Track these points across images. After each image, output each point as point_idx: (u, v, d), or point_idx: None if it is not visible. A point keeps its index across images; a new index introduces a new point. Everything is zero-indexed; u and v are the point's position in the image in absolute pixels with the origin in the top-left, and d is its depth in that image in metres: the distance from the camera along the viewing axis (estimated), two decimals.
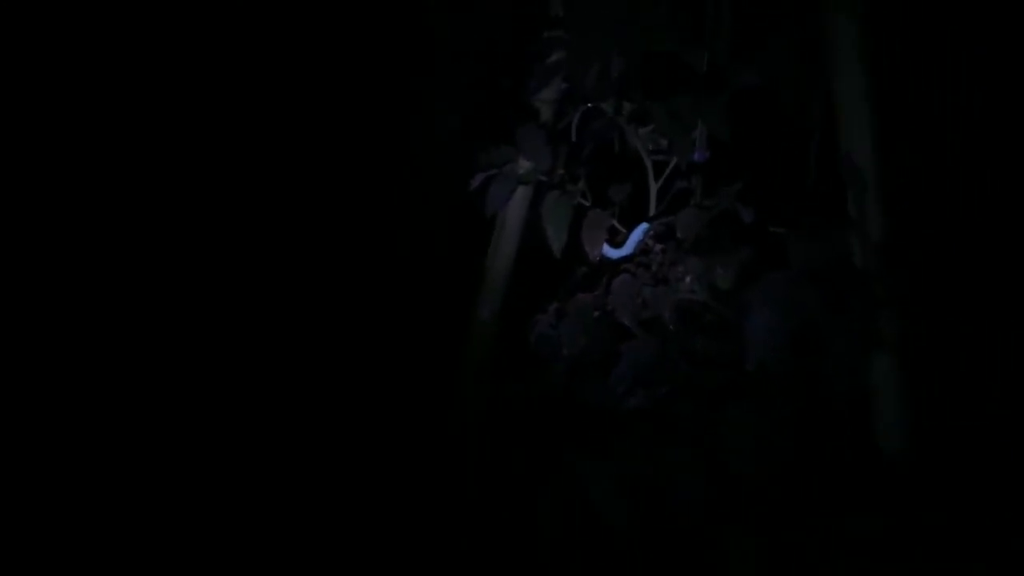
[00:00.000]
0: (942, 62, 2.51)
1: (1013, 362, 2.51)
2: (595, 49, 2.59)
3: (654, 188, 2.68)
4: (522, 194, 2.78)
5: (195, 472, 2.84)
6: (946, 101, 2.52)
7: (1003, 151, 2.51)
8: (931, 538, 2.26)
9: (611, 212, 2.66)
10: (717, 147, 2.62)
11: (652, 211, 2.68)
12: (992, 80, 2.50)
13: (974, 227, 2.48)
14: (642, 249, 2.65)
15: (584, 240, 2.63)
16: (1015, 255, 2.52)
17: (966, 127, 2.52)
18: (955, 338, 2.46)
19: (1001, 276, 2.49)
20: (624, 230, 2.68)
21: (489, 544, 2.69)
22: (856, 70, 2.41)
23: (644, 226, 2.64)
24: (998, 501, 2.34)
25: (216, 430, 2.90)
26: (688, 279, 2.56)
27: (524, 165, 2.68)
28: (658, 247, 2.61)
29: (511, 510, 2.63)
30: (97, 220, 2.93)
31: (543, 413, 2.65)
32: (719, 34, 2.60)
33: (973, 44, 2.52)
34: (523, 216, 2.86)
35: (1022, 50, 2.48)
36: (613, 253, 2.66)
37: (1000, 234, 2.48)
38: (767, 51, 2.56)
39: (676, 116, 2.55)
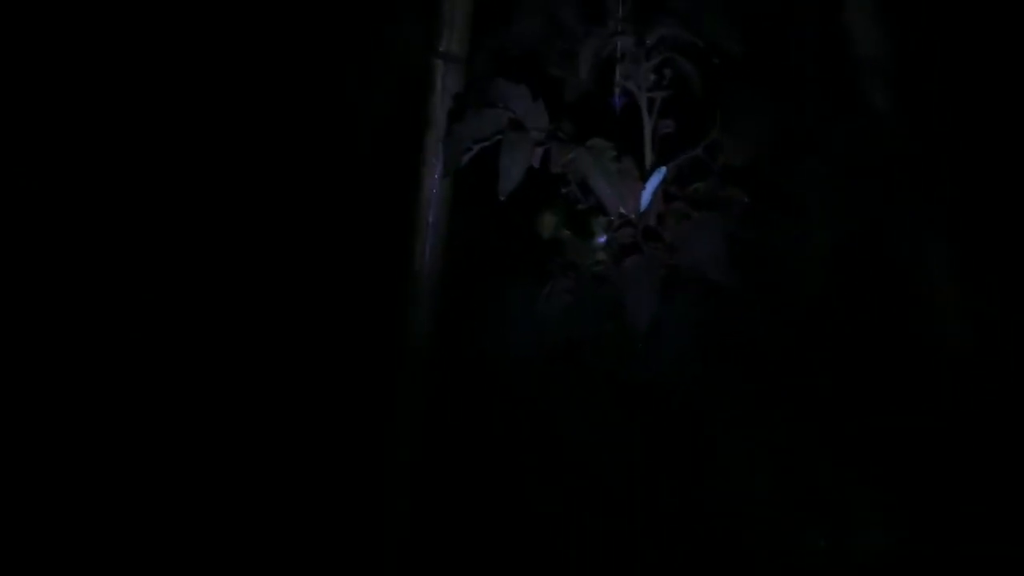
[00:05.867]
0: None
1: None
2: None
3: (649, 127, 2.44)
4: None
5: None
6: None
7: None
8: None
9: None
10: None
11: (649, 155, 2.44)
12: None
13: None
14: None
15: (621, 196, 2.32)
16: None
17: None
18: None
19: None
20: None
21: None
22: None
23: (662, 171, 2.39)
24: None
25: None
26: None
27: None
28: (694, 186, 2.39)
29: None
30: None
31: None
32: None
33: None
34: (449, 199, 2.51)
35: None
36: None
37: None
38: None
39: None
